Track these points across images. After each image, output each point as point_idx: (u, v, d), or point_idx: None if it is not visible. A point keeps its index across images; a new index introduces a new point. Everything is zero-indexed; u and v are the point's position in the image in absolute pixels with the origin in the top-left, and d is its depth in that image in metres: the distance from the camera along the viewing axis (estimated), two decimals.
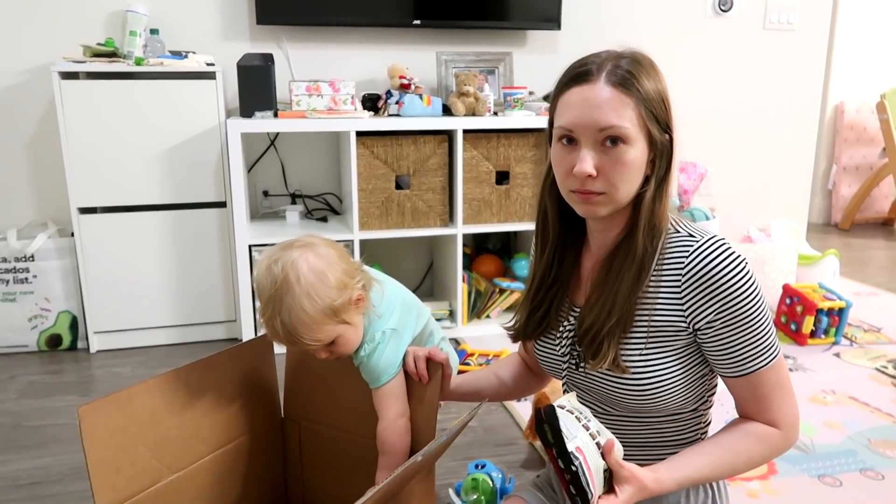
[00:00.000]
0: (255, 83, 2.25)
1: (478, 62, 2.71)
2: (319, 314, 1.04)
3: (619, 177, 0.90)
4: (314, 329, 1.05)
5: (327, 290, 1.05)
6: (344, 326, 1.09)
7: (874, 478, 1.57)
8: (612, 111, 0.88)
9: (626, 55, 0.92)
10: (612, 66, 0.90)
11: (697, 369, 0.98)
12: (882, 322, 2.56)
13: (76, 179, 2.22)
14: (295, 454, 1.33)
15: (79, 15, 2.40)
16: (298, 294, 1.03)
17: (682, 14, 3.02)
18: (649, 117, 0.90)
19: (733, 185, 3.25)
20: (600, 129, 0.89)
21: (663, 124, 0.92)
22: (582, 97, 0.89)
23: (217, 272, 2.39)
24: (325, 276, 1.05)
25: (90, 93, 2.18)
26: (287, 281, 1.03)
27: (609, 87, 0.89)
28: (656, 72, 0.92)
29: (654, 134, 0.91)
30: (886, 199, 4.40)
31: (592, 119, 0.88)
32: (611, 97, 0.88)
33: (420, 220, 2.42)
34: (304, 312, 1.03)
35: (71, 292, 2.35)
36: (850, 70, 4.27)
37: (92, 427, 0.98)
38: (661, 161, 0.93)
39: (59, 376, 2.18)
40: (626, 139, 0.89)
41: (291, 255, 1.05)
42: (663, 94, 0.92)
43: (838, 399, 1.95)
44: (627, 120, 0.88)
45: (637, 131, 0.89)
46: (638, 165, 0.91)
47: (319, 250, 1.08)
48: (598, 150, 0.90)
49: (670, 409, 0.98)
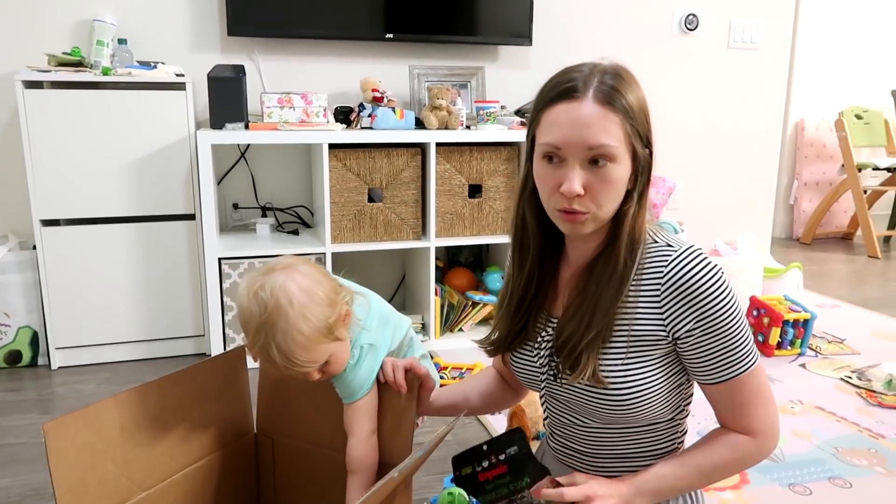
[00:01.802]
0: (226, 95, 2.23)
1: (450, 76, 2.72)
2: (316, 334, 1.02)
3: (605, 196, 0.90)
4: (311, 350, 1.02)
5: (320, 308, 1.03)
6: (336, 343, 1.07)
7: (842, 486, 1.59)
8: (602, 130, 0.87)
9: (609, 69, 0.91)
10: (598, 83, 0.89)
11: (675, 378, 0.98)
12: (845, 333, 2.62)
13: (39, 191, 2.17)
14: (268, 470, 1.30)
15: (44, 23, 2.35)
16: (293, 317, 1.00)
17: (649, 32, 3.08)
18: (634, 134, 0.90)
19: (700, 199, 3.31)
20: (589, 148, 0.88)
21: (645, 139, 0.92)
22: (570, 115, 0.88)
23: (185, 286, 2.35)
24: (315, 294, 1.03)
25: (55, 102, 2.13)
26: (279, 305, 1.00)
27: (597, 105, 0.88)
28: (637, 84, 0.93)
29: (638, 150, 0.91)
30: (845, 214, 4.53)
31: (581, 137, 0.87)
32: (599, 115, 0.87)
33: (393, 233, 2.42)
34: (300, 334, 1.00)
35: (32, 307, 2.28)
36: (810, 89, 4.41)
37: (58, 444, 0.94)
38: (642, 176, 0.94)
39: (18, 394, 2.10)
40: (613, 158, 0.89)
41: (277, 279, 1.02)
42: (644, 108, 0.92)
43: (805, 409, 1.99)
44: (615, 138, 0.88)
45: (623, 149, 0.89)
46: (622, 183, 0.91)
47: (302, 269, 1.05)
48: (585, 168, 0.89)
49: (648, 418, 0.98)
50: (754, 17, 3.21)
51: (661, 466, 0.98)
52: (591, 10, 2.97)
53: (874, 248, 3.96)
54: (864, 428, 1.87)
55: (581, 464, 1.06)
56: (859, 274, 3.63)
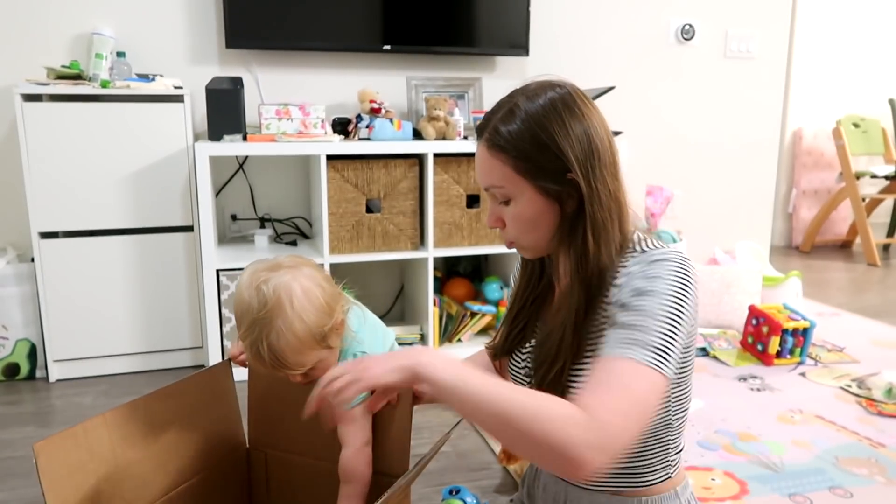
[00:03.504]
0: (224, 106, 2.23)
1: (448, 87, 2.73)
2: (309, 338, 1.02)
3: (517, 230, 0.95)
4: (301, 353, 1.03)
5: (318, 314, 1.03)
6: (327, 351, 1.07)
7: (843, 495, 1.58)
8: (488, 171, 0.94)
9: (511, 104, 0.92)
10: (494, 125, 0.93)
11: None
12: (845, 341, 2.62)
13: (37, 203, 2.17)
14: (261, 485, 1.29)
15: (43, 37, 2.36)
16: (290, 318, 1.00)
17: (646, 42, 3.10)
18: (529, 172, 0.90)
19: (698, 208, 3.31)
20: (485, 188, 0.96)
21: (556, 173, 0.90)
22: (476, 156, 0.97)
23: (183, 297, 2.34)
24: (316, 298, 1.04)
25: (54, 115, 2.14)
26: (279, 303, 1.00)
27: (484, 147, 0.94)
28: (552, 118, 0.90)
29: (543, 185, 0.91)
30: (844, 222, 4.53)
31: (479, 179, 0.97)
32: (485, 158, 0.94)
33: (391, 243, 2.42)
34: (294, 337, 1.01)
35: (30, 319, 2.28)
36: (807, 97, 4.42)
37: (49, 464, 0.93)
38: (568, 203, 0.92)
39: (16, 407, 2.10)
40: (507, 196, 0.94)
41: (282, 277, 1.02)
42: (555, 142, 0.89)
43: (805, 418, 1.98)
44: (500, 178, 0.93)
45: (517, 187, 0.92)
46: (530, 217, 0.93)
47: (307, 271, 1.06)
48: (499, 204, 0.96)
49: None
50: (750, 27, 3.23)
51: (473, 370, 0.82)
52: (587, 21, 2.99)
53: (873, 256, 3.96)
54: (865, 437, 1.86)
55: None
56: (858, 282, 3.63)
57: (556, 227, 0.93)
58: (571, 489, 1.05)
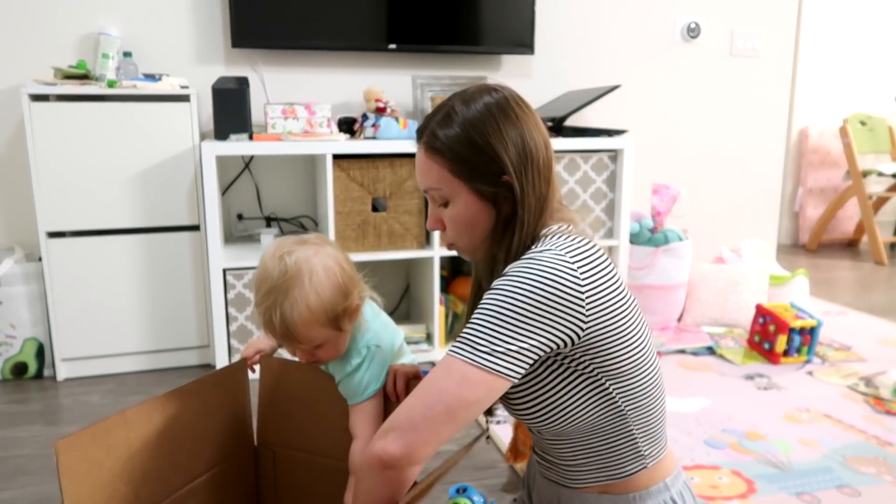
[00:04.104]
0: (230, 106, 2.24)
1: (453, 86, 2.73)
2: (322, 315, 1.05)
3: (455, 231, 0.98)
4: (312, 328, 1.05)
5: (335, 293, 1.06)
6: (337, 333, 1.09)
7: (851, 494, 1.58)
8: (428, 174, 0.96)
9: (456, 110, 0.94)
10: (432, 129, 0.95)
11: (579, 383, 0.93)
12: (852, 340, 2.61)
13: (45, 203, 2.18)
14: (269, 483, 1.30)
15: (50, 37, 2.37)
16: (307, 290, 1.03)
17: (651, 40, 3.09)
18: (464, 174, 0.93)
19: (704, 207, 3.31)
20: (424, 191, 0.99)
21: (491, 175, 0.93)
22: (416, 160, 1.00)
23: (190, 296, 2.35)
24: (335, 278, 1.06)
25: (61, 115, 2.15)
26: (299, 274, 1.03)
27: (423, 151, 0.97)
28: (487, 122, 0.92)
29: (479, 187, 0.93)
30: (851, 221, 4.51)
31: (418, 181, 1.00)
32: (424, 160, 0.97)
33: (397, 242, 2.42)
34: (307, 309, 1.03)
35: (37, 319, 2.29)
36: (814, 95, 4.41)
37: (69, 462, 0.94)
38: (503, 205, 0.95)
39: (24, 405, 2.11)
40: (444, 198, 0.96)
41: (306, 252, 1.06)
42: (490, 146, 0.92)
43: (813, 417, 1.98)
44: (437, 180, 0.95)
45: (453, 189, 0.94)
46: (467, 219, 0.96)
47: (331, 251, 1.10)
48: (438, 207, 0.99)
49: (580, 428, 0.95)
50: (756, 26, 3.22)
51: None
52: (593, 19, 2.98)
53: (880, 254, 3.95)
54: (872, 436, 1.86)
55: (557, 475, 1.05)
56: (865, 280, 3.62)
57: (490, 229, 0.96)
58: (563, 491, 1.05)
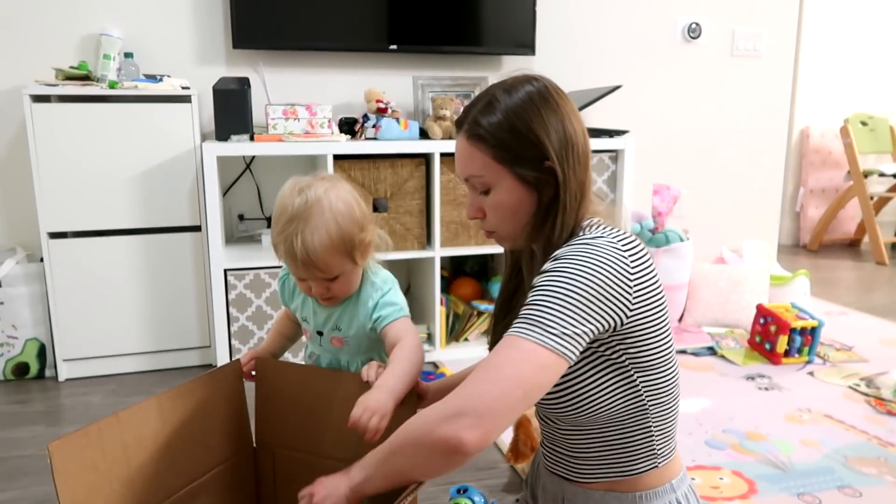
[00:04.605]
0: (231, 107, 2.24)
1: (454, 86, 2.73)
2: (340, 242, 1.10)
3: (496, 218, 0.99)
4: (331, 255, 1.10)
5: (352, 224, 1.12)
6: (351, 266, 1.15)
7: (852, 495, 1.58)
8: (468, 161, 0.98)
9: (498, 99, 0.95)
10: (474, 117, 0.96)
11: (612, 373, 0.94)
12: (853, 340, 2.61)
13: (46, 204, 2.18)
14: (269, 484, 1.29)
15: (51, 38, 2.38)
16: (328, 217, 1.09)
17: (652, 41, 3.09)
18: (507, 159, 0.94)
19: (705, 207, 3.30)
20: (465, 179, 1.00)
21: (534, 160, 0.94)
22: (455, 149, 1.01)
23: (191, 297, 2.35)
24: (352, 209, 1.13)
25: (62, 116, 2.15)
26: (319, 203, 1.10)
27: (464, 140, 0.98)
28: (530, 109, 0.94)
29: (522, 173, 0.95)
30: (852, 221, 4.51)
31: (459, 171, 1.01)
32: (466, 148, 0.98)
33: (397, 243, 2.42)
34: (328, 235, 1.09)
35: (39, 319, 2.29)
36: (815, 95, 4.40)
37: (64, 464, 0.94)
38: (545, 190, 0.96)
39: (25, 406, 2.11)
40: (486, 185, 0.97)
41: (323, 185, 1.13)
42: (533, 132, 0.94)
43: (814, 417, 1.97)
44: (479, 167, 0.96)
45: (496, 176, 0.96)
46: (509, 205, 0.97)
47: (346, 187, 1.16)
48: (478, 195, 0.99)
49: (603, 418, 0.96)
50: (758, 26, 3.22)
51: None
52: (594, 20, 2.98)
53: (882, 254, 3.94)
54: (874, 436, 1.86)
55: (565, 469, 1.05)
56: (867, 281, 3.61)
57: (532, 215, 0.97)
58: (568, 487, 1.05)
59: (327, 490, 0.94)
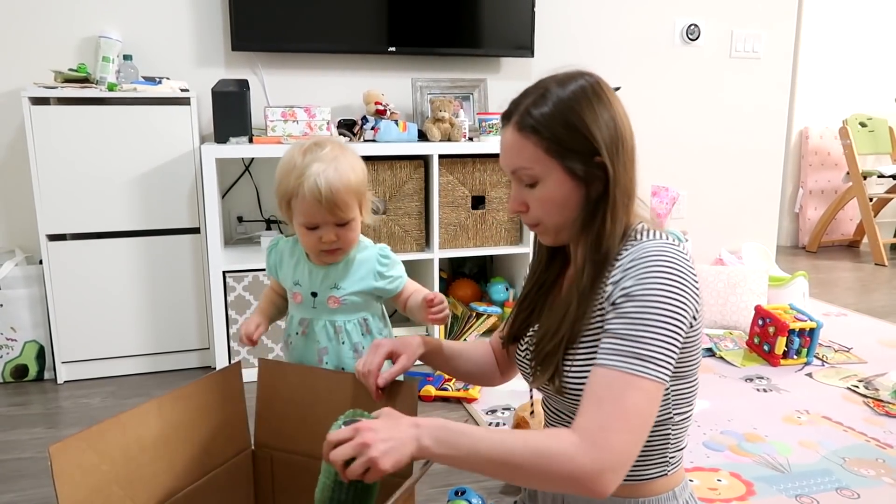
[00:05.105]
0: (230, 109, 2.24)
1: (453, 88, 2.74)
2: (357, 185, 1.22)
3: (541, 212, 0.97)
4: (350, 196, 1.20)
5: (364, 174, 1.25)
6: (358, 218, 1.25)
7: (850, 496, 1.58)
8: (516, 154, 0.95)
9: (550, 91, 0.95)
10: (525, 109, 0.95)
11: None
12: (852, 342, 2.61)
13: (45, 206, 2.18)
14: (267, 486, 1.30)
15: (50, 40, 2.38)
16: (350, 162, 1.22)
17: (651, 42, 3.09)
18: (559, 153, 0.93)
19: (704, 208, 3.31)
20: (511, 172, 0.97)
21: (583, 154, 0.93)
22: (502, 141, 0.99)
23: (190, 299, 2.35)
24: (359, 164, 1.25)
25: (61, 118, 2.15)
26: (341, 150, 1.22)
27: (514, 131, 0.95)
28: (583, 103, 0.93)
29: (572, 166, 0.93)
30: (851, 222, 4.51)
31: (505, 163, 0.98)
32: (515, 140, 0.95)
33: (396, 244, 2.42)
34: (352, 173, 1.20)
35: (38, 321, 2.29)
36: (813, 97, 4.41)
37: (64, 467, 0.93)
38: (594, 185, 0.94)
39: (24, 408, 2.11)
40: (534, 178, 0.95)
41: (334, 142, 1.24)
42: (585, 125, 0.92)
43: (812, 419, 1.98)
44: (529, 160, 0.94)
45: (546, 169, 0.94)
46: (558, 199, 0.95)
47: (350, 149, 1.27)
48: (523, 187, 0.97)
49: None
50: (756, 27, 3.22)
51: (469, 426, 0.87)
52: (592, 22, 2.99)
53: (881, 255, 3.95)
54: (872, 438, 1.86)
55: None
56: (866, 282, 3.61)
57: (580, 209, 0.95)
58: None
59: (388, 444, 0.83)
